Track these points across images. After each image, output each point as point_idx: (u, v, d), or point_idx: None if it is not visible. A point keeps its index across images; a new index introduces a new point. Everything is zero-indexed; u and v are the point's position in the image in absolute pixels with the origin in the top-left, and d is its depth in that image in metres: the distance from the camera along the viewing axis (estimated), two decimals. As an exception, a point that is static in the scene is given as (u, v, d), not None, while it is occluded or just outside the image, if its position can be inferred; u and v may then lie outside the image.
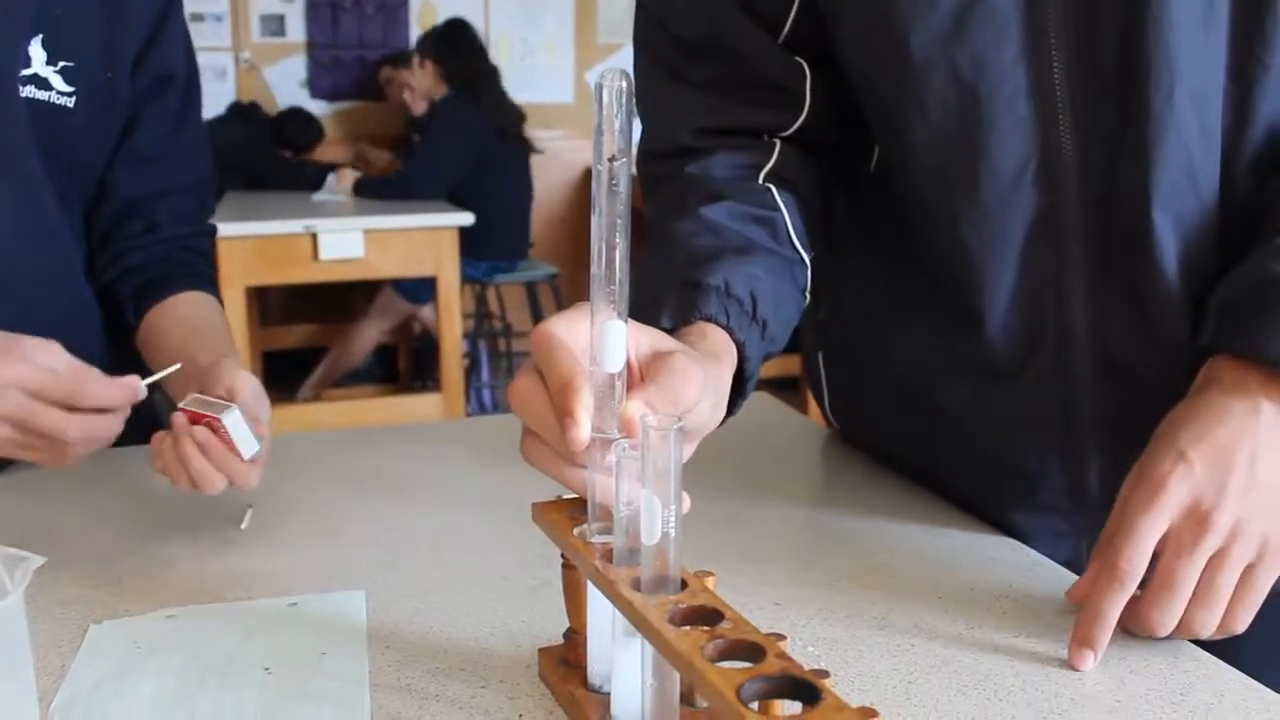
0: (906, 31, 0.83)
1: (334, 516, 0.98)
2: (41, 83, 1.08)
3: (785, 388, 4.26)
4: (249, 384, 0.94)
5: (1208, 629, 0.73)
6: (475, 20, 5.59)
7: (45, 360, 0.91)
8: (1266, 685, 0.70)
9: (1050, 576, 0.85)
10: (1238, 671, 0.72)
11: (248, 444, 0.91)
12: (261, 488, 0.96)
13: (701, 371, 0.68)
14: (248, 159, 4.84)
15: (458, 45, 4.78)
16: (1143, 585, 0.73)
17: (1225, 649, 0.74)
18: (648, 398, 0.62)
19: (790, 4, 0.92)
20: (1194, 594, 0.72)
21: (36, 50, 1.08)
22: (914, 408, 0.98)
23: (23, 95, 1.07)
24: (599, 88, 0.58)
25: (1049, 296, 0.86)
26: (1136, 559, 0.72)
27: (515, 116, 4.77)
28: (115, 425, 0.94)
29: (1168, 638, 0.74)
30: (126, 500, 1.01)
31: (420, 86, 4.81)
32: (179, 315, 1.17)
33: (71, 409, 0.91)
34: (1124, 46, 0.79)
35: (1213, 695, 0.69)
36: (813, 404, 1.18)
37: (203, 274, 1.24)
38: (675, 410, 0.63)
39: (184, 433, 0.90)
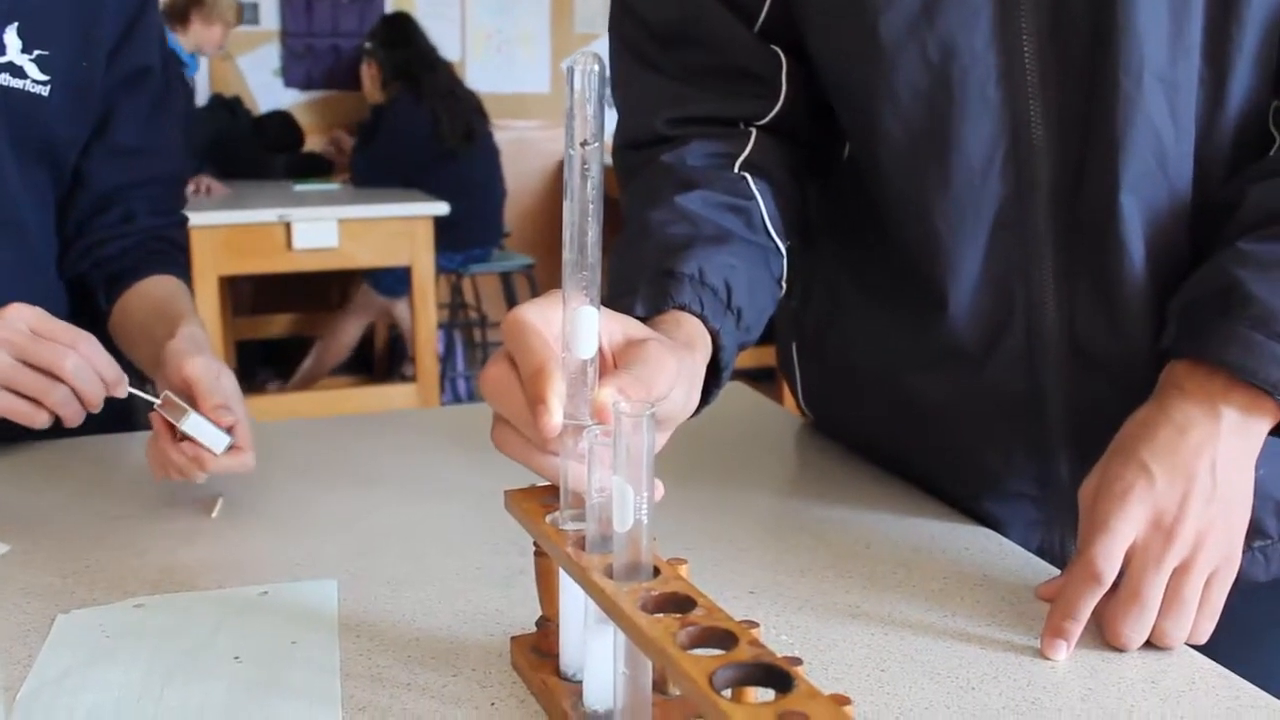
0: (876, 16, 0.83)
1: (306, 505, 0.97)
2: (16, 70, 1.08)
3: (761, 378, 4.26)
4: (202, 370, 0.94)
5: (1178, 640, 0.73)
6: (451, 9, 5.57)
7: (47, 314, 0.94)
8: (1236, 673, 0.71)
9: (1023, 565, 0.86)
10: (1208, 659, 0.72)
11: (215, 440, 0.92)
12: (232, 477, 0.96)
13: (675, 359, 0.68)
14: (228, 153, 4.81)
15: (395, 40, 4.73)
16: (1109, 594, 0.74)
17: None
18: (620, 385, 0.61)
19: None
20: (1161, 607, 0.73)
21: (11, 38, 1.07)
22: (885, 396, 0.98)
23: None
24: (570, 71, 0.58)
25: (1017, 282, 0.86)
26: (1112, 556, 0.72)
27: (469, 109, 4.70)
28: (98, 396, 0.94)
29: None
30: (95, 488, 1.01)
31: (368, 83, 4.79)
32: (146, 295, 1.18)
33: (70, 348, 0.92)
34: (1094, 30, 0.79)
35: (1184, 682, 0.69)
36: (788, 394, 1.18)
37: (176, 261, 1.25)
38: (648, 397, 0.63)
39: (161, 434, 0.92)
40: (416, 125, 4.49)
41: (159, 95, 1.23)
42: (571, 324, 0.61)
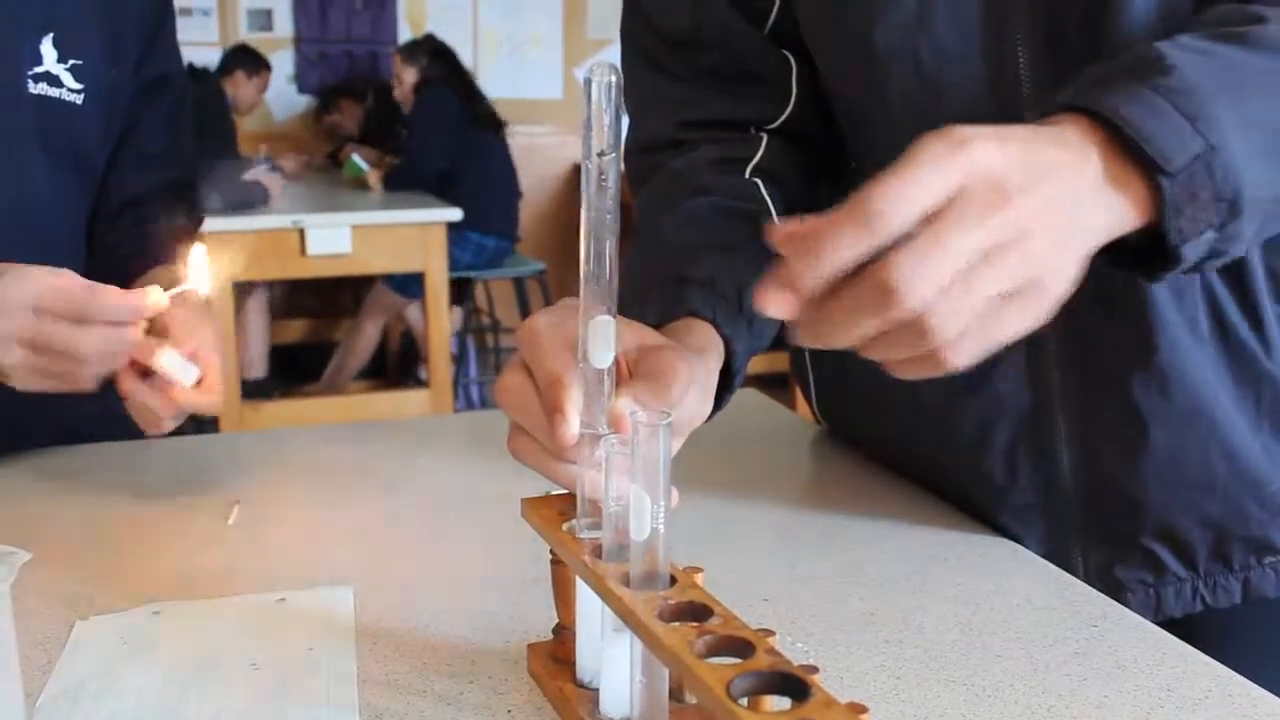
0: (870, 23, 0.83)
1: (322, 512, 0.98)
2: (53, 80, 1.09)
3: (774, 384, 4.25)
4: (180, 315, 0.97)
5: (938, 342, 0.56)
6: (463, 15, 5.60)
7: (52, 280, 0.92)
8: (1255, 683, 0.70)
9: (1039, 573, 0.86)
10: (1225, 668, 0.72)
11: (184, 372, 0.95)
12: (249, 483, 0.96)
13: (688, 366, 0.68)
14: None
15: (431, 52, 4.86)
16: None
17: (1214, 649, 0.74)
18: (636, 393, 0.62)
19: None
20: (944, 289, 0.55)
21: (47, 48, 1.09)
22: (894, 403, 0.98)
23: (34, 92, 1.08)
24: (588, 82, 0.58)
25: None
26: (900, 200, 0.54)
27: (490, 108, 4.86)
28: (131, 336, 0.94)
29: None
30: (112, 495, 1.01)
31: (405, 88, 4.85)
32: (161, 274, 1.18)
33: (82, 324, 0.92)
34: (1087, 37, 0.78)
35: (1200, 691, 0.69)
36: (801, 400, 1.18)
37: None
38: (663, 405, 0.63)
39: (123, 374, 0.95)
40: (447, 109, 4.65)
41: (178, 100, 1.25)
42: (589, 333, 0.61)
